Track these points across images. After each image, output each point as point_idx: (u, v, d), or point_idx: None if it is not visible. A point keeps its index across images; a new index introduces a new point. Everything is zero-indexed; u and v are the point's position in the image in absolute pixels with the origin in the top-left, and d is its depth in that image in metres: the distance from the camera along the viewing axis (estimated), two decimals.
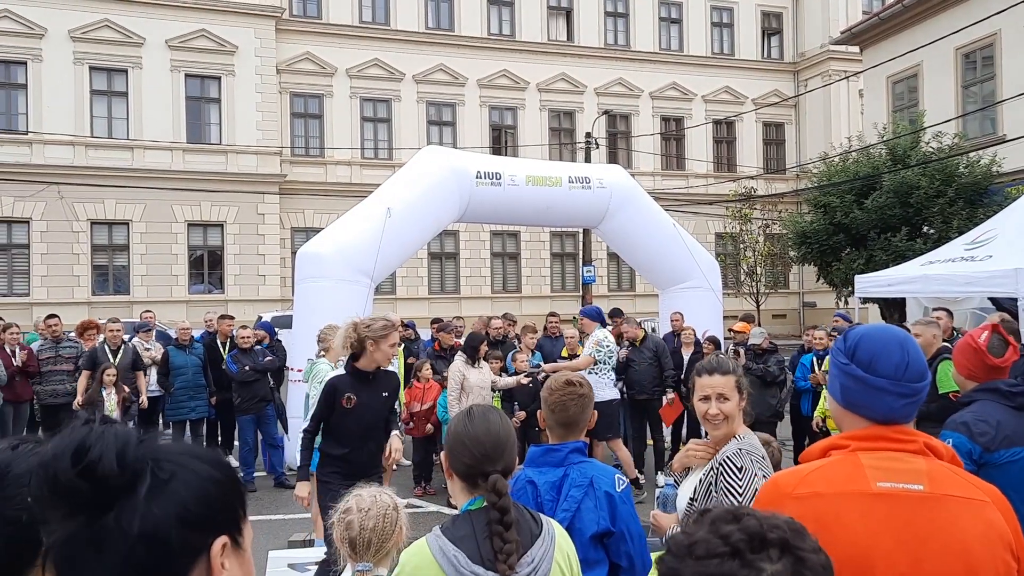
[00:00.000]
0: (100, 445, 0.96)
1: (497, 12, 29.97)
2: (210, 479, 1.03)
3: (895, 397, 1.77)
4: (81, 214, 23.83)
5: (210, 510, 1.02)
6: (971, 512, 1.66)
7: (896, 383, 1.77)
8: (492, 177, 11.01)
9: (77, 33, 23.92)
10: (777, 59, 33.63)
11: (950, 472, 1.73)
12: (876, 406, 1.78)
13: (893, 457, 1.72)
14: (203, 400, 9.73)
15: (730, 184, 29.38)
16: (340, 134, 27.66)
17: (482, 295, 28.65)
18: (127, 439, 0.99)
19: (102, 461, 0.95)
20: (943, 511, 1.66)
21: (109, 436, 0.98)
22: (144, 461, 0.98)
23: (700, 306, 11.71)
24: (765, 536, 0.97)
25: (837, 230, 16.64)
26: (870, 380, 1.78)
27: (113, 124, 24.57)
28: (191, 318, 19.90)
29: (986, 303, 11.13)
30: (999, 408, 3.08)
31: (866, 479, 1.69)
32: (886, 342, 1.82)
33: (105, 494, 0.95)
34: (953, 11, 18.41)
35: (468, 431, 2.10)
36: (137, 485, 0.96)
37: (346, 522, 2.57)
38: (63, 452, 0.95)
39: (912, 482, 1.68)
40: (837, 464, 1.75)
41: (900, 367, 1.78)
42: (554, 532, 2.11)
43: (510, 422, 2.21)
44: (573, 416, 2.75)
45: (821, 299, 29.18)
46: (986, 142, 17.07)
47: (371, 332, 4.87)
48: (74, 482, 0.94)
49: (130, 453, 0.97)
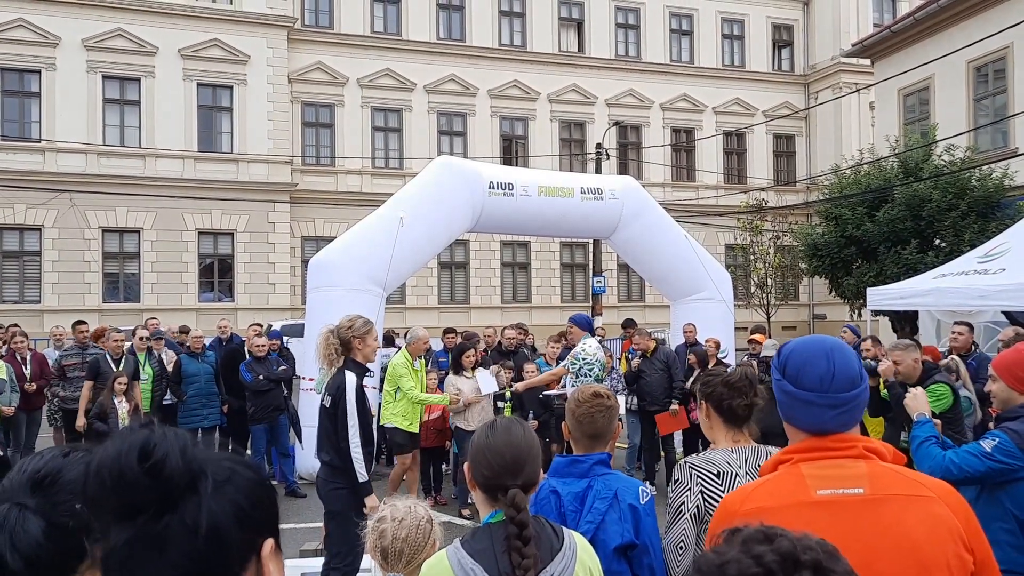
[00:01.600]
0: (164, 444, 0.97)
1: (508, 23, 30.07)
2: (258, 483, 1.05)
3: (823, 409, 1.77)
4: (93, 222, 23.95)
5: (261, 512, 1.04)
6: (916, 509, 1.66)
7: (822, 395, 1.77)
8: (505, 187, 11.03)
9: (90, 42, 24.10)
10: (788, 71, 33.63)
11: (893, 472, 1.73)
12: (806, 418, 1.80)
13: (833, 464, 1.73)
14: (215, 408, 9.73)
15: (740, 196, 29.35)
16: (351, 143, 27.75)
17: (492, 305, 28.65)
18: (186, 439, 1.00)
19: (168, 459, 0.96)
20: (887, 511, 1.66)
21: (171, 436, 0.99)
22: (204, 462, 0.99)
23: (712, 317, 11.69)
24: (799, 558, 0.96)
25: (848, 242, 16.59)
26: (797, 394, 1.80)
27: (125, 133, 24.72)
28: (202, 326, 19.94)
29: (999, 316, 11.07)
30: None
31: (807, 489, 1.71)
32: (812, 353, 1.82)
33: (170, 493, 0.95)
34: (965, 24, 18.40)
35: (489, 443, 2.10)
36: (199, 484, 0.97)
37: (380, 531, 2.57)
38: (128, 451, 0.95)
39: (853, 486, 1.69)
40: (780, 477, 1.77)
41: (825, 378, 1.77)
42: (576, 547, 2.10)
43: (534, 435, 2.19)
44: (600, 428, 2.75)
45: (832, 311, 29.08)
46: (998, 155, 17.02)
47: (355, 331, 5.08)
48: (141, 480, 0.94)
49: (190, 453, 0.98)
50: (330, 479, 5.10)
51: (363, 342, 5.12)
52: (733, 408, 2.78)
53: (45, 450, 1.33)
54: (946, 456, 3.26)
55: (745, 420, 2.81)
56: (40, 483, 1.22)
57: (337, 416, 5.00)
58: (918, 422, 3.62)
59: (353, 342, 5.09)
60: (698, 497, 2.62)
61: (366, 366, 5.22)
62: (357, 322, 5.18)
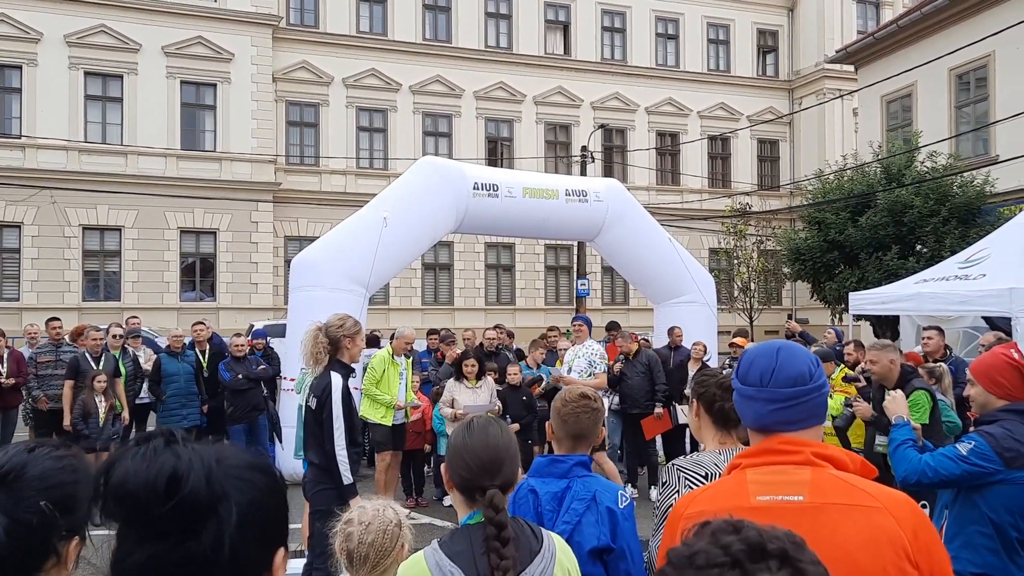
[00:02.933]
0: (192, 475, 0.96)
1: (495, 25, 30.08)
2: (272, 493, 1.06)
3: (762, 403, 1.79)
4: (73, 219, 23.73)
5: (275, 525, 1.06)
6: (855, 519, 1.64)
7: (760, 389, 1.79)
8: (489, 189, 11.01)
9: (73, 38, 23.89)
10: (772, 77, 33.83)
11: (838, 480, 1.70)
12: (747, 414, 1.84)
13: (777, 471, 1.73)
14: (195, 408, 9.66)
15: (725, 200, 29.48)
16: (335, 143, 27.65)
17: (476, 307, 28.62)
18: (211, 462, 1.00)
19: (195, 492, 0.95)
20: (823, 520, 1.64)
21: (197, 462, 0.98)
22: (227, 482, 0.99)
23: (695, 321, 11.71)
24: (765, 547, 0.98)
25: (831, 247, 16.70)
26: (740, 389, 1.85)
27: (107, 130, 24.51)
28: (183, 326, 19.79)
29: (978, 322, 11.16)
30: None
31: (747, 494, 1.71)
32: (761, 352, 1.86)
33: (194, 522, 0.95)
34: (947, 32, 18.56)
35: (466, 444, 2.09)
36: (220, 508, 0.97)
37: (346, 533, 2.54)
38: (156, 479, 0.95)
39: (792, 493, 1.69)
40: (725, 482, 1.80)
41: (766, 373, 1.80)
42: (555, 548, 2.08)
43: (512, 435, 2.18)
44: (584, 429, 2.74)
45: (814, 316, 29.22)
46: (979, 162, 17.18)
47: (345, 331, 5.07)
48: (167, 513, 0.94)
49: (215, 476, 0.98)
50: (317, 480, 5.07)
51: (352, 342, 5.13)
52: (726, 411, 2.77)
53: (10, 445, 1.31)
54: (922, 459, 3.27)
55: (736, 424, 2.81)
56: (3, 479, 1.20)
57: (323, 418, 4.97)
58: (896, 425, 3.62)
59: (343, 341, 5.07)
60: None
61: (351, 367, 5.20)
62: (348, 321, 5.17)
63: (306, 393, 5.25)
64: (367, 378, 8.39)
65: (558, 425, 2.78)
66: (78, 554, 1.28)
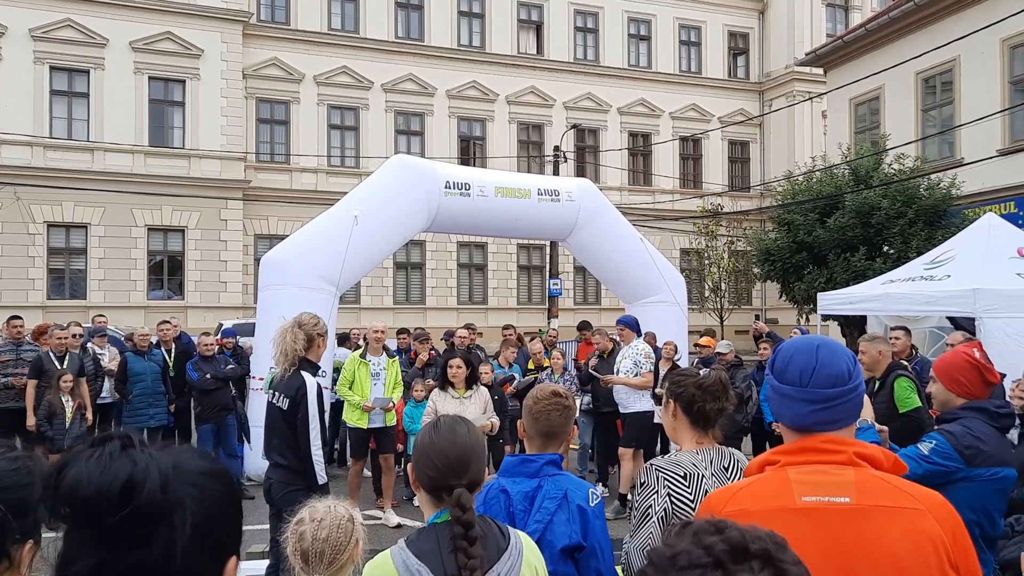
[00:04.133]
0: (148, 482, 0.93)
1: (467, 23, 30.03)
2: (228, 501, 1.04)
3: (801, 404, 1.77)
4: (38, 216, 23.32)
5: (229, 534, 1.03)
6: (901, 522, 1.63)
7: (800, 389, 1.77)
8: (461, 187, 10.98)
9: (38, 32, 23.47)
10: (743, 78, 34.12)
11: (882, 482, 1.70)
12: (787, 413, 1.80)
13: (821, 470, 1.71)
14: (162, 408, 9.53)
15: (696, 200, 29.69)
16: (306, 141, 27.45)
17: (448, 306, 28.56)
18: (168, 468, 0.97)
19: (150, 500, 0.92)
20: (870, 523, 1.64)
21: (153, 468, 0.95)
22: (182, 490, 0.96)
23: (666, 320, 11.78)
24: (747, 547, 0.98)
25: (800, 248, 16.86)
26: (779, 388, 1.81)
27: (73, 125, 24.11)
28: (150, 324, 19.52)
29: (943, 322, 11.32)
30: (984, 426, 3.11)
31: (792, 494, 1.68)
32: (799, 349, 1.82)
33: (146, 530, 0.93)
34: (914, 36, 18.83)
35: (433, 443, 2.07)
36: (173, 517, 0.94)
37: (299, 533, 2.51)
38: (110, 486, 0.92)
39: (838, 495, 1.66)
40: (766, 480, 1.75)
41: (805, 372, 1.77)
42: (522, 546, 2.08)
43: (479, 434, 2.17)
44: (555, 427, 2.74)
45: (783, 316, 29.54)
46: (944, 165, 17.44)
47: (319, 329, 5.13)
48: (120, 520, 0.91)
49: (171, 484, 0.96)
50: (286, 481, 5.00)
51: (324, 341, 5.18)
52: (705, 411, 2.77)
53: None
54: None
55: (714, 424, 2.81)
56: None
57: (298, 418, 4.93)
58: (860, 428, 3.65)
59: (316, 339, 5.10)
60: (665, 500, 2.61)
61: (319, 365, 5.21)
62: (320, 321, 5.22)
63: (274, 392, 5.17)
64: (339, 380, 8.27)
65: (529, 423, 2.77)
66: (32, 558, 1.24)
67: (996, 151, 16.59)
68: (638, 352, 8.81)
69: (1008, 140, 16.89)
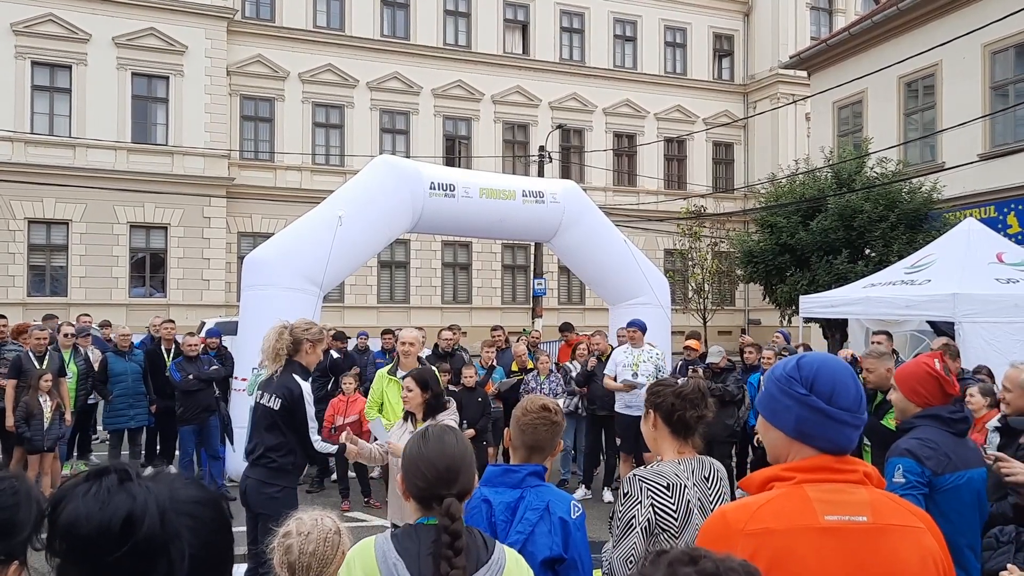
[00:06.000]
0: (148, 517, 0.93)
1: (453, 22, 29.98)
2: (221, 529, 1.04)
3: (852, 429, 1.78)
4: (19, 212, 23.09)
5: (221, 560, 1.04)
6: (910, 540, 1.69)
7: (854, 415, 1.78)
8: (446, 188, 10.97)
9: (20, 27, 23.22)
10: (728, 80, 34.25)
11: (890, 501, 1.75)
12: (836, 438, 1.78)
13: (837, 489, 1.73)
14: (143, 408, 9.47)
15: (680, 202, 29.78)
16: (291, 139, 27.32)
17: (432, 305, 28.52)
18: (164, 501, 0.97)
19: (150, 535, 0.92)
20: (885, 541, 1.67)
21: (152, 503, 0.95)
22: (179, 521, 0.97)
23: (649, 322, 11.77)
24: None
25: (783, 250, 16.94)
26: (832, 412, 1.77)
27: (55, 121, 23.86)
28: (131, 322, 19.40)
29: (924, 326, 11.42)
30: (940, 433, 3.15)
31: (815, 513, 1.68)
32: (842, 374, 1.82)
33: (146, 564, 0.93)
34: (897, 40, 18.96)
35: (422, 453, 2.08)
36: (171, 548, 0.94)
37: (285, 546, 2.52)
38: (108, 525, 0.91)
39: (857, 514, 1.69)
40: (785, 498, 1.73)
41: (857, 400, 1.79)
42: (504, 561, 2.08)
43: (467, 443, 2.18)
44: (541, 441, 2.74)
45: (766, 317, 29.69)
46: (926, 169, 17.58)
47: (310, 335, 5.11)
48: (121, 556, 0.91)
49: (168, 517, 0.96)
50: (267, 482, 4.96)
51: (313, 348, 5.15)
52: (685, 420, 2.77)
53: None
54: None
55: (694, 432, 2.82)
56: None
57: (294, 421, 4.96)
58: None
59: (304, 344, 5.08)
60: (648, 510, 2.62)
61: (309, 371, 5.20)
62: (314, 328, 5.23)
63: (260, 392, 5.14)
64: (368, 403, 7.19)
65: (516, 433, 2.77)
66: None
67: (977, 156, 16.73)
68: (658, 356, 8.80)
69: (989, 145, 17.04)
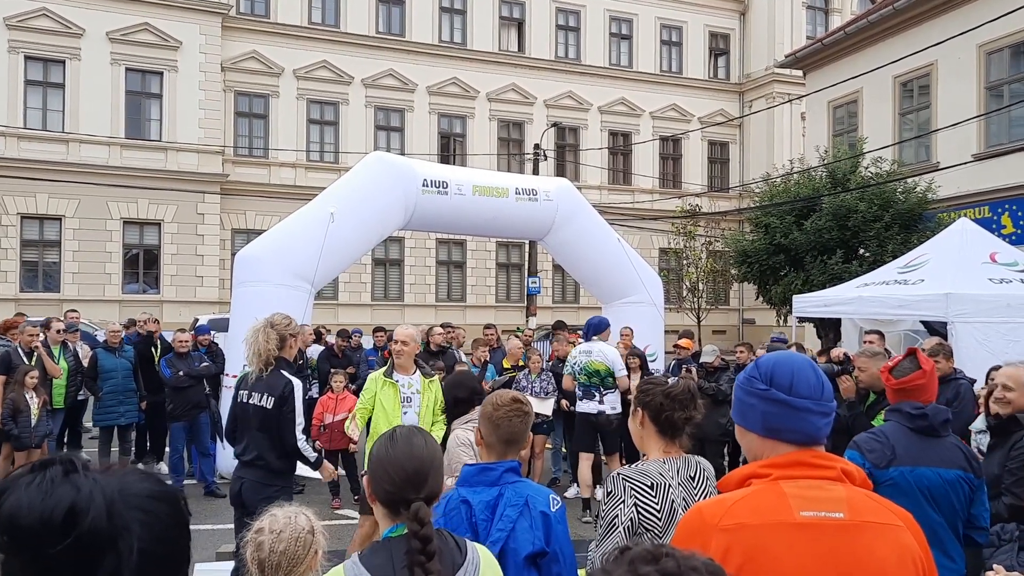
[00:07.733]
0: (93, 510, 0.90)
1: (449, 20, 29.94)
2: (176, 524, 1.01)
3: (818, 416, 1.80)
4: (11, 207, 23.02)
5: (177, 558, 1.00)
6: (887, 538, 1.68)
7: (817, 402, 1.80)
8: (439, 185, 10.94)
9: (13, 21, 23.14)
10: (723, 79, 34.26)
11: (867, 498, 1.74)
12: (801, 427, 1.80)
13: (814, 485, 1.73)
14: (133, 405, 9.42)
15: (675, 200, 29.78)
16: (285, 135, 27.27)
17: (426, 303, 28.49)
18: (113, 494, 0.93)
19: (94, 527, 0.89)
20: (862, 538, 1.67)
21: (98, 494, 0.91)
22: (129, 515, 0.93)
23: (642, 321, 11.80)
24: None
25: (777, 250, 16.92)
26: (793, 401, 1.80)
27: (48, 116, 23.80)
28: (125, 318, 19.32)
29: (918, 325, 11.43)
30: (899, 429, 3.22)
31: (790, 509, 1.69)
32: (799, 365, 1.86)
33: (90, 558, 0.89)
34: (892, 40, 18.97)
35: (389, 455, 2.02)
36: (119, 543, 0.91)
37: (257, 543, 2.50)
38: (53, 512, 0.88)
39: (833, 510, 1.69)
40: (761, 494, 1.74)
41: (817, 387, 1.81)
42: (479, 561, 2.04)
43: (436, 445, 2.13)
44: (517, 433, 2.73)
45: (760, 316, 29.72)
46: (921, 169, 17.58)
47: (292, 329, 5.20)
48: (64, 549, 0.88)
49: (116, 510, 0.92)
50: (264, 482, 4.94)
51: (296, 341, 5.25)
52: (673, 420, 2.76)
53: None
54: None
55: (682, 432, 2.80)
56: None
57: (282, 418, 4.95)
58: None
59: (288, 339, 5.13)
60: (632, 509, 2.61)
61: (293, 364, 5.31)
62: (292, 321, 5.26)
63: (250, 392, 5.09)
64: (358, 405, 6.41)
65: (489, 430, 2.74)
66: None
67: (971, 156, 16.74)
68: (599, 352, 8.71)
69: (983, 145, 17.06)
